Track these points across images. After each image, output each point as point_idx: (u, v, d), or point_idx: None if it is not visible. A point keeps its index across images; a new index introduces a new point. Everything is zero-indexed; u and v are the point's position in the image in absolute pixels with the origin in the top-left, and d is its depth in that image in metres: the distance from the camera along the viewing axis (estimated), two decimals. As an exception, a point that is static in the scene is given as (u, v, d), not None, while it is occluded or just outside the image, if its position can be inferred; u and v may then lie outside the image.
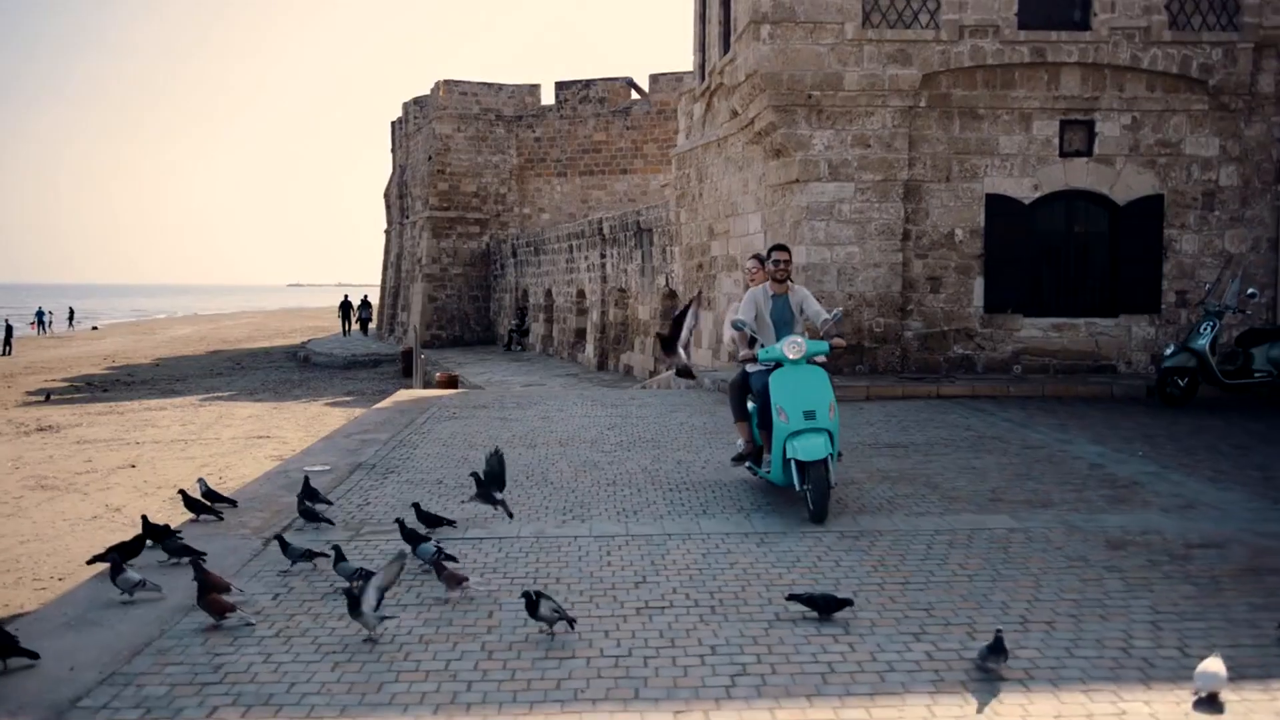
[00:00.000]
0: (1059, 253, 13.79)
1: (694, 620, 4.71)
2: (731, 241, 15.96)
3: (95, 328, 70.38)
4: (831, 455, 6.47)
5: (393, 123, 44.81)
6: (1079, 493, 7.16)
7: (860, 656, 4.25)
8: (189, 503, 6.72)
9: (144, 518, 5.96)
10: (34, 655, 4.18)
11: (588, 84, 36.25)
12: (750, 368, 7.30)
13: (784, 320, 7.24)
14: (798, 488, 6.43)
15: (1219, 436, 9.59)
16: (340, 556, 5.25)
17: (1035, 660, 4.19)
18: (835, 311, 7.21)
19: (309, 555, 5.56)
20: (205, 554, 5.44)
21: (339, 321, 50.71)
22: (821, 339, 7.00)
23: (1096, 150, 13.52)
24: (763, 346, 7.10)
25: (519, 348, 32.00)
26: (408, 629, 4.65)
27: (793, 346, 6.75)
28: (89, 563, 5.41)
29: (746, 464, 7.42)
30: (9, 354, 44.46)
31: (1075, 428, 9.98)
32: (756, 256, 7.92)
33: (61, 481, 14.48)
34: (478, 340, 36.01)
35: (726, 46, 15.07)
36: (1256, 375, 11.61)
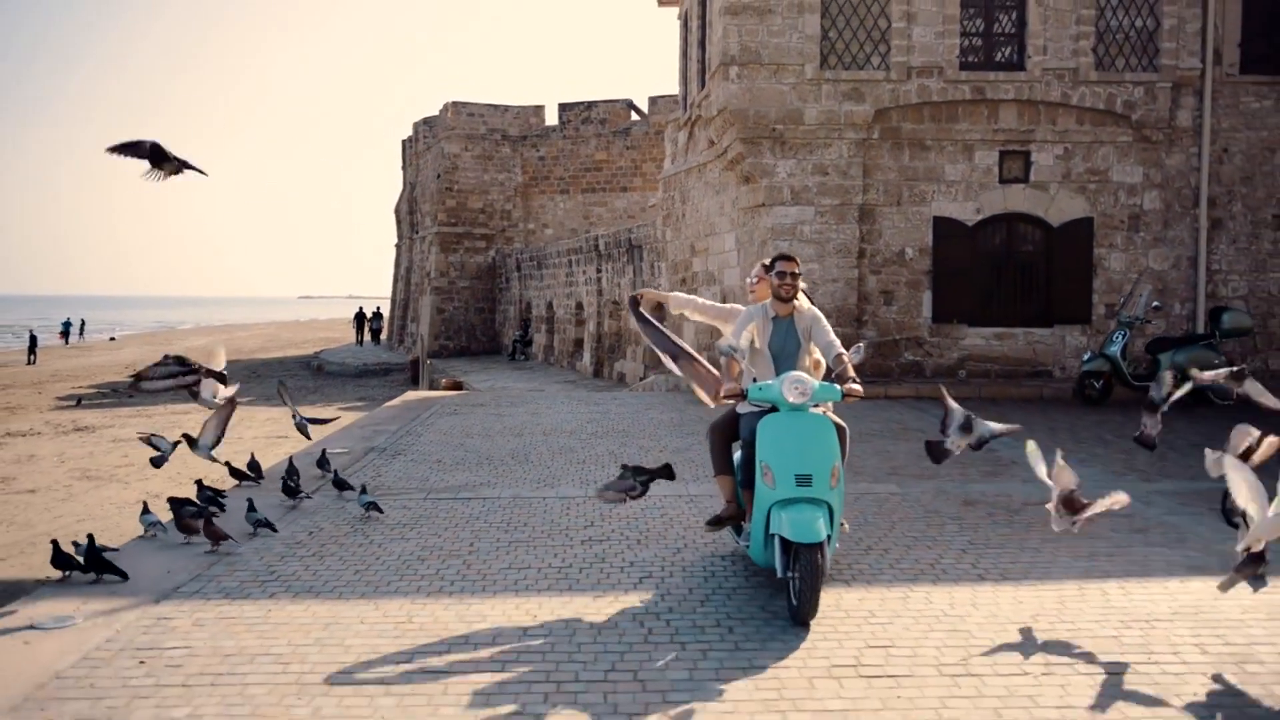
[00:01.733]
0: (1000, 269, 15.34)
1: (622, 548, 6.28)
2: (710, 259, 17.55)
3: (113, 338, 72.21)
4: (830, 537, 5.05)
5: (403, 141, 46.56)
6: (963, 470, 8.70)
7: (679, 491, 5.82)
8: (233, 472, 8.35)
9: (199, 482, 7.55)
10: (124, 574, 5.68)
11: (589, 105, 37.94)
12: (740, 408, 5.67)
13: (786, 351, 5.63)
14: (779, 573, 4.96)
15: (1113, 430, 11.11)
16: (341, 483, 6.85)
17: (864, 570, 5.75)
18: (857, 347, 5.91)
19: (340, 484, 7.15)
20: (225, 508, 7.05)
21: (353, 332, 52.45)
22: (833, 381, 5.36)
23: (1033, 177, 15.09)
24: (755, 382, 5.36)
25: (523, 357, 33.61)
26: (411, 552, 6.22)
27: (794, 387, 5.14)
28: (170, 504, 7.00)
29: (729, 528, 5.95)
30: (34, 363, 46.23)
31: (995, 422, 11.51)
32: (764, 264, 5.93)
33: (104, 473, 16.11)
34: (484, 350, 37.64)
35: (703, 82, 16.70)
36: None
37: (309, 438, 8.92)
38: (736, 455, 5.71)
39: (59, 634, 4.79)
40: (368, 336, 50.20)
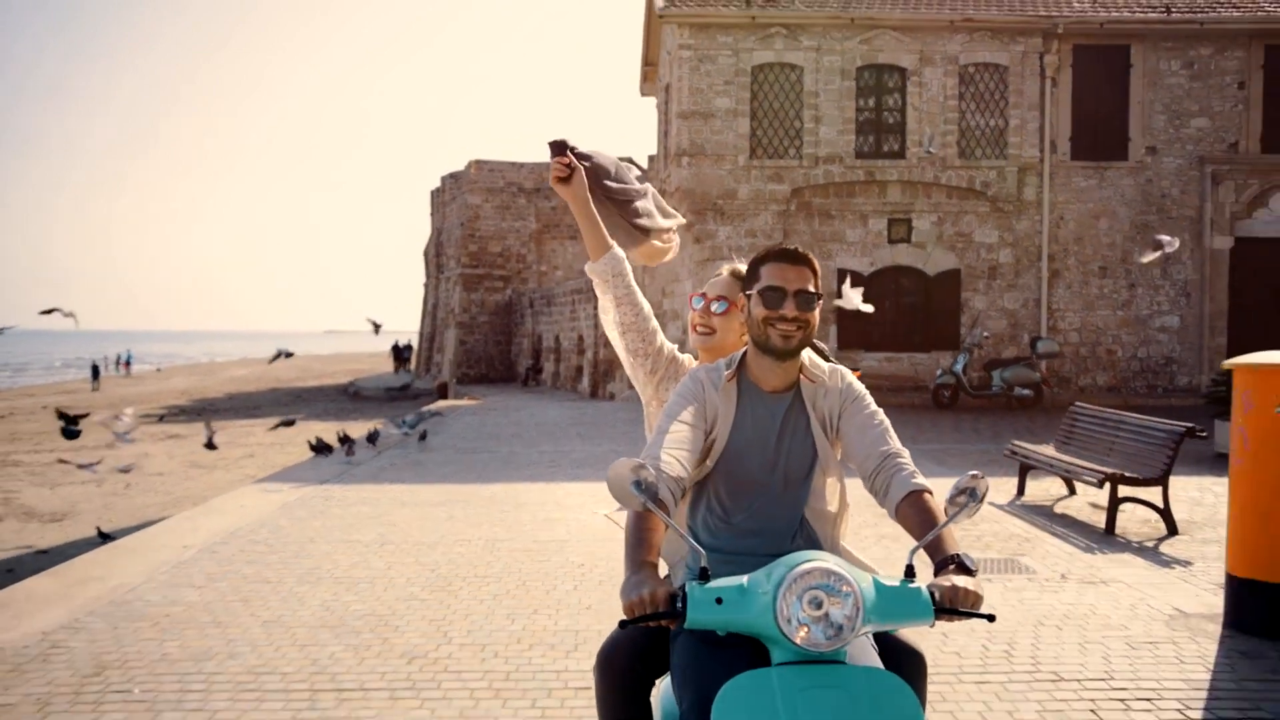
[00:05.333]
0: (888, 308, 20.05)
1: (575, 466, 11.06)
2: (675, 300, 22.37)
3: (159, 369, 77.68)
4: None
5: (432, 192, 51.84)
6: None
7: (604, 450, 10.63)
8: (317, 446, 13.25)
9: (318, 441, 12.39)
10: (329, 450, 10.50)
11: (595, 162, 43.08)
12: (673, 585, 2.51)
13: (779, 471, 2.44)
14: None
15: (947, 425, 15.77)
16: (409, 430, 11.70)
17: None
18: (972, 487, 2.07)
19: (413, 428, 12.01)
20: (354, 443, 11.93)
21: (390, 362, 57.80)
22: (916, 569, 2.05)
23: (914, 238, 19.84)
24: (699, 578, 2.00)
25: (534, 383, 38.51)
26: (448, 471, 11.02)
27: (811, 604, 1.90)
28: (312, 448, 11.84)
29: None
30: (98, 390, 51.52)
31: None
32: (732, 272, 2.91)
33: (208, 464, 21.01)
34: (500, 378, 42.58)
35: (666, 164, 21.62)
36: (993, 389, 17.84)
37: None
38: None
39: (290, 487, 9.63)
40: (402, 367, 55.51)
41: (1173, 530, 7.52)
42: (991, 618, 1.98)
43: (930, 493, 2.25)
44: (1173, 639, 5.03)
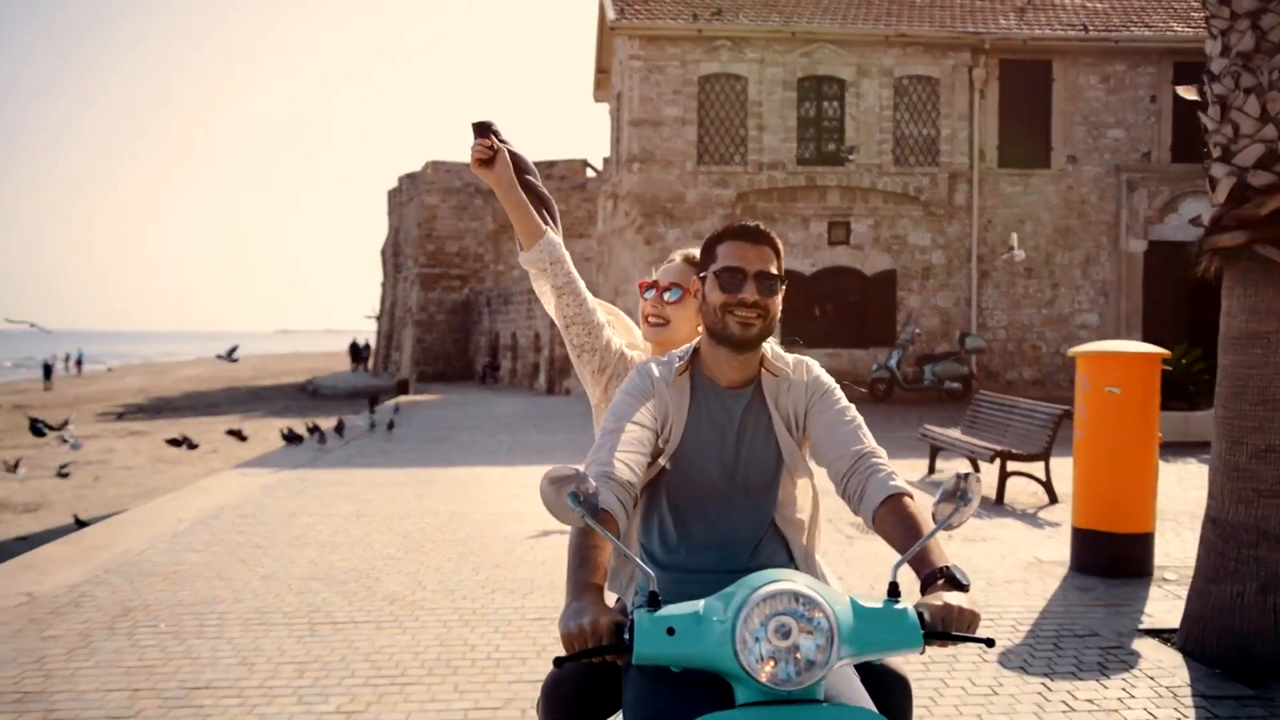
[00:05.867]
0: (829, 306, 21.17)
1: (531, 453, 11.97)
2: (629, 298, 23.35)
3: (110, 369, 77.18)
4: None
5: (389, 192, 52.37)
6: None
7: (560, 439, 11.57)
8: (289, 435, 14.03)
9: (289, 431, 13.19)
10: (301, 439, 11.33)
11: (551, 164, 43.88)
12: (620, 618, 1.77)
13: (739, 476, 2.17)
14: None
15: (880, 416, 16.85)
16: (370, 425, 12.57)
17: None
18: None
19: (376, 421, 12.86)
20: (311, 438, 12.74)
21: (347, 361, 58.25)
22: (897, 586, 1.75)
23: (852, 241, 20.97)
24: (648, 604, 1.69)
25: (492, 380, 39.30)
26: (414, 456, 11.88)
27: (777, 633, 1.60)
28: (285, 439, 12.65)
29: None
30: (50, 389, 51.44)
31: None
32: (685, 256, 2.79)
33: (172, 459, 21.61)
34: (458, 376, 43.29)
35: (618, 169, 22.57)
36: (925, 383, 19.02)
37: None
38: None
39: (267, 472, 10.45)
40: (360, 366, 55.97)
41: (1053, 499, 8.62)
42: (990, 642, 1.66)
43: (911, 496, 1.99)
44: (1025, 579, 6.08)
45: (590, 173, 44.81)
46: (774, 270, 2.16)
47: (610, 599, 2.03)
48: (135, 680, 4.43)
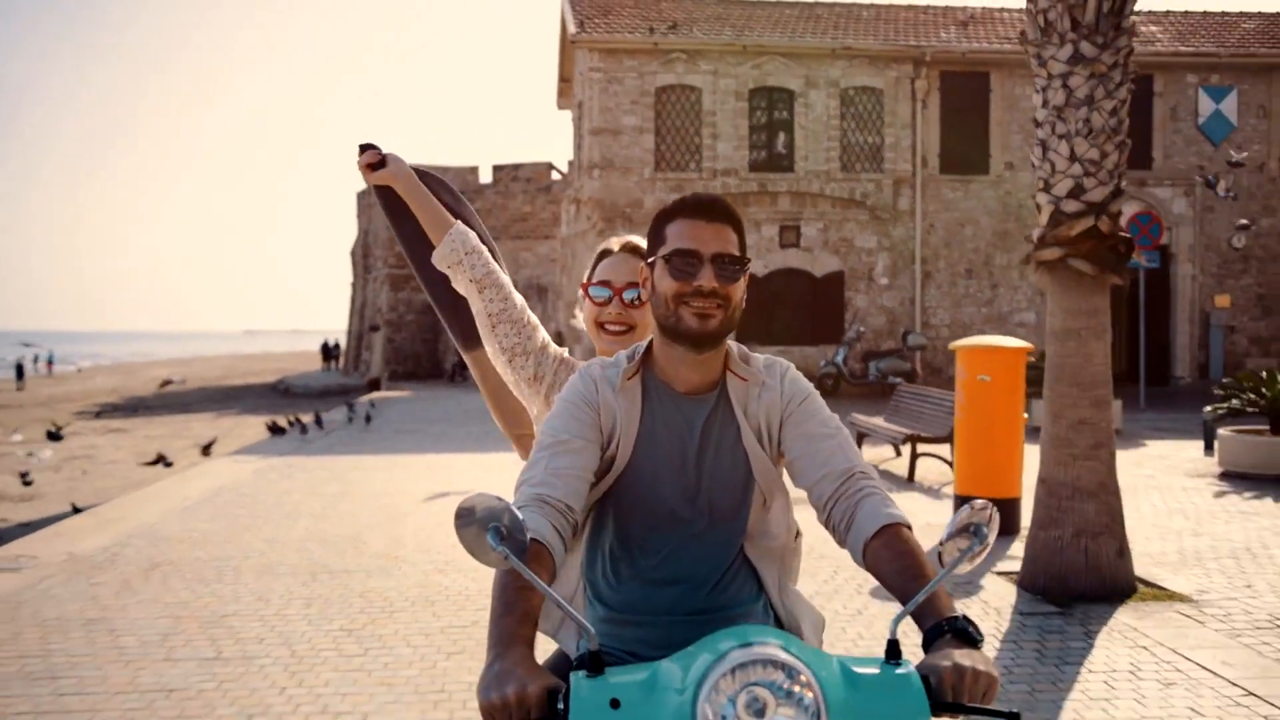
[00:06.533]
0: (781, 306, 22.36)
1: (500, 441, 13.04)
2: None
3: (80, 369, 77.24)
4: None
5: (358, 193, 53.15)
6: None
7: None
8: (272, 426, 15.02)
9: (273, 423, 14.18)
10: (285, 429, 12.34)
11: (517, 166, 44.89)
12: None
13: (702, 501, 1.81)
14: None
15: (828, 407, 18.10)
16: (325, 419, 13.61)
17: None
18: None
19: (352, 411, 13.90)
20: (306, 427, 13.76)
21: (317, 360, 58.98)
22: (901, 640, 1.43)
23: (802, 244, 22.18)
24: (588, 665, 1.38)
25: (460, 379, 40.26)
26: (390, 444, 12.92)
27: (748, 709, 1.29)
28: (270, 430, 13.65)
29: None
30: (23, 389, 51.80)
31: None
32: (619, 246, 2.35)
33: (153, 455, 22.47)
34: (428, 375, 44.19)
35: (579, 175, 23.66)
36: (870, 378, 20.27)
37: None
38: None
39: (257, 459, 11.45)
40: (331, 364, 56.75)
41: (957, 476, 9.81)
42: (1016, 716, 1.34)
43: (909, 527, 1.66)
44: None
45: (555, 175, 45.83)
46: (734, 251, 1.75)
47: (544, 648, 1.76)
48: (174, 610, 5.49)
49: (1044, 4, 5.57)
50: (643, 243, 2.21)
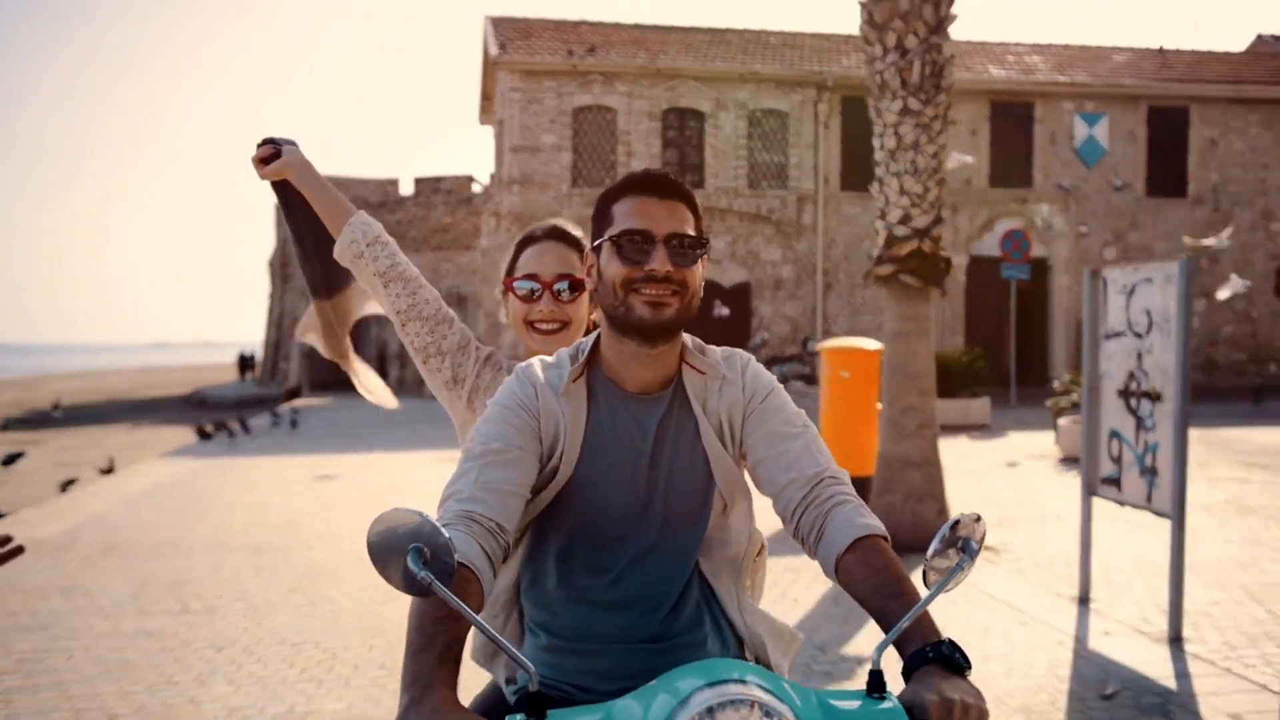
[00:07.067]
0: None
1: (422, 442, 13.90)
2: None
3: (-18, 382, 75.15)
4: None
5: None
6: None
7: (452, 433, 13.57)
8: (201, 431, 15.66)
9: (200, 427, 14.83)
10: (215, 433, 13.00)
11: (439, 179, 45.51)
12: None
13: (657, 523, 1.61)
14: None
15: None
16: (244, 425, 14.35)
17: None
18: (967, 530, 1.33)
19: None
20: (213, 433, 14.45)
21: (230, 373, 58.58)
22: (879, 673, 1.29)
23: (712, 256, 23.33)
24: (527, 709, 1.20)
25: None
26: (314, 446, 13.68)
27: None
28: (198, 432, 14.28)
29: None
30: (-74, 402, 50.53)
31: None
32: (559, 235, 2.13)
33: (72, 463, 22.72)
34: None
35: (499, 189, 24.57)
36: (773, 382, 21.57)
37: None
38: None
39: (189, 460, 12.14)
40: (247, 375, 56.52)
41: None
42: None
43: (887, 538, 1.49)
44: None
45: (476, 188, 46.57)
46: (690, 231, 1.59)
47: (471, 684, 1.67)
48: (139, 579, 6.33)
49: (879, 66, 6.75)
50: (571, 227, 2.12)
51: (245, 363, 58.89)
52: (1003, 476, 10.04)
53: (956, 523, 1.27)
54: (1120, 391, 5.35)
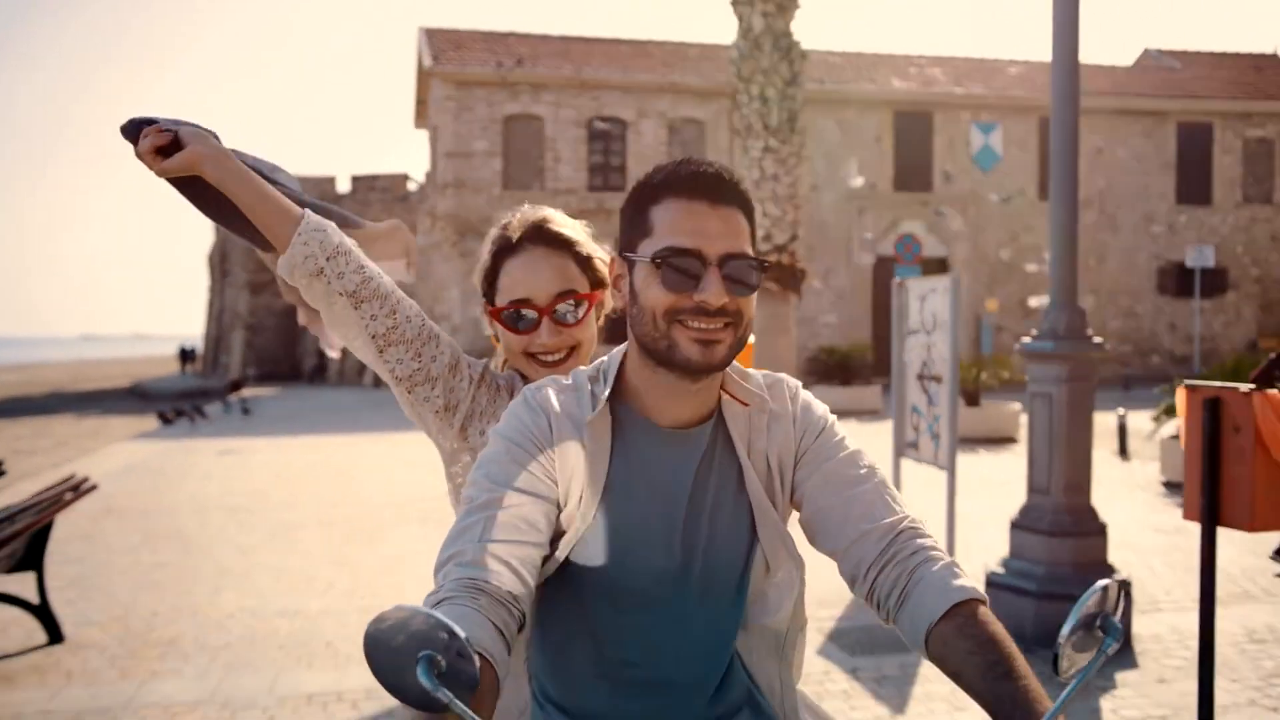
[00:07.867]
0: (614, 315, 25.06)
1: (368, 427, 15.28)
2: (446, 304, 26.65)
3: (-91, 377, 74.05)
4: None
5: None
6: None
7: (395, 418, 14.95)
8: (163, 416, 16.87)
9: (162, 413, 16.05)
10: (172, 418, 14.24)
11: (375, 177, 46.49)
12: None
13: (695, 589, 1.34)
14: None
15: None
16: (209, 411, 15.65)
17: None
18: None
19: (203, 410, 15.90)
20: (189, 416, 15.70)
21: (166, 365, 58.85)
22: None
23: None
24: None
25: (320, 379, 41.71)
26: (268, 429, 15.00)
27: None
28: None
29: None
30: None
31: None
32: (545, 236, 1.81)
33: (27, 450, 23.60)
34: (287, 376, 45.39)
35: (435, 192, 25.89)
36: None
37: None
38: None
39: (155, 442, 13.41)
40: (188, 368, 57.05)
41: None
42: None
43: (985, 602, 1.20)
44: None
45: (412, 185, 47.61)
46: (748, 249, 1.29)
47: None
48: (139, 531, 7.74)
49: (745, 111, 8.37)
50: (559, 220, 1.80)
51: (186, 356, 59.43)
52: (876, 452, 11.77)
53: (1100, 593, 0.99)
54: (918, 375, 7.03)
